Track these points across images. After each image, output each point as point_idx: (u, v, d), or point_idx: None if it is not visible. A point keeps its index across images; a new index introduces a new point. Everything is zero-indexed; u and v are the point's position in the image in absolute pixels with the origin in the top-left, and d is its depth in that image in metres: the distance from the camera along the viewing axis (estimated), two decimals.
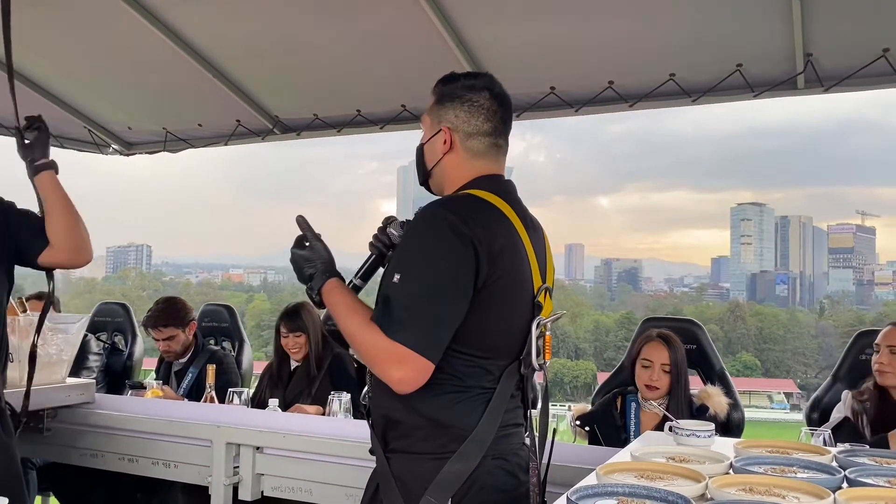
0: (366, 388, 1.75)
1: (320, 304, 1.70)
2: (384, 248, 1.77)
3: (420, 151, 1.76)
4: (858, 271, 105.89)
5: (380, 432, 1.65)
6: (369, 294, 1.77)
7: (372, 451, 1.73)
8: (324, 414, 3.12)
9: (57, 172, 2.21)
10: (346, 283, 1.71)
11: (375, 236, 1.78)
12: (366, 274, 1.78)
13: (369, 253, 1.79)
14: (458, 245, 1.52)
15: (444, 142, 1.70)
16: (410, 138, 3.84)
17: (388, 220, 1.79)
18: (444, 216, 1.56)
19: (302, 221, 1.75)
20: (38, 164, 2.19)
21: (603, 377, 1.70)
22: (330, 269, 1.70)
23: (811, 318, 64.58)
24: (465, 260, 1.53)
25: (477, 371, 1.59)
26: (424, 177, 1.77)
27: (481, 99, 1.71)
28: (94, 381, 3.22)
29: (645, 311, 63.92)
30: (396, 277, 1.54)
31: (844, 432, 2.36)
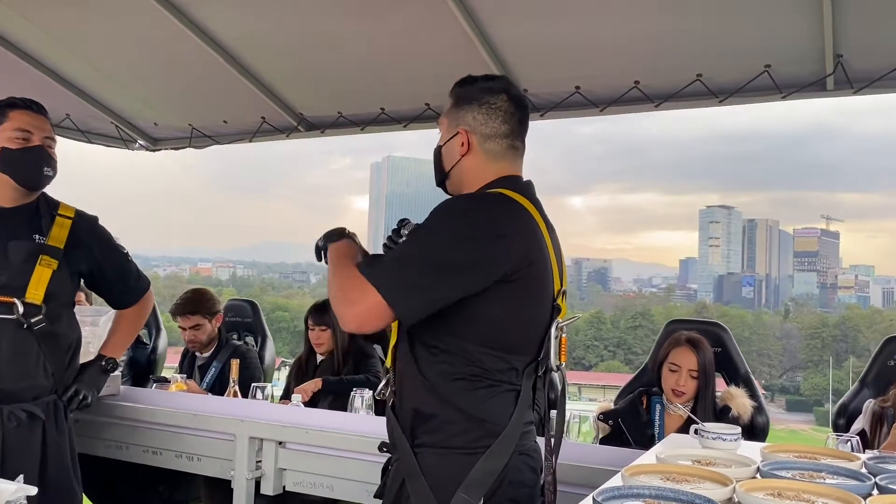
0: (382, 384, 1.75)
1: (319, 257, 1.74)
2: None
3: (437, 153, 1.77)
4: (822, 275, 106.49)
5: (407, 426, 1.63)
6: None
7: (382, 447, 1.74)
8: (322, 386, 3.26)
9: (116, 367, 2.54)
10: None
11: (389, 237, 1.79)
12: None
13: (381, 254, 1.80)
14: (462, 227, 1.57)
15: (462, 144, 1.70)
16: (385, 135, 3.87)
17: (403, 222, 1.79)
18: (465, 204, 1.61)
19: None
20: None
21: (571, 376, 1.72)
22: (351, 239, 1.74)
23: (776, 320, 65.05)
24: (471, 255, 1.55)
25: (505, 367, 1.60)
26: (442, 178, 1.77)
27: (499, 101, 1.72)
28: (120, 373, 3.25)
29: (614, 310, 64.56)
30: (402, 240, 1.62)
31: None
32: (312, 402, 3.27)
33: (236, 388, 3.06)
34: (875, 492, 1.40)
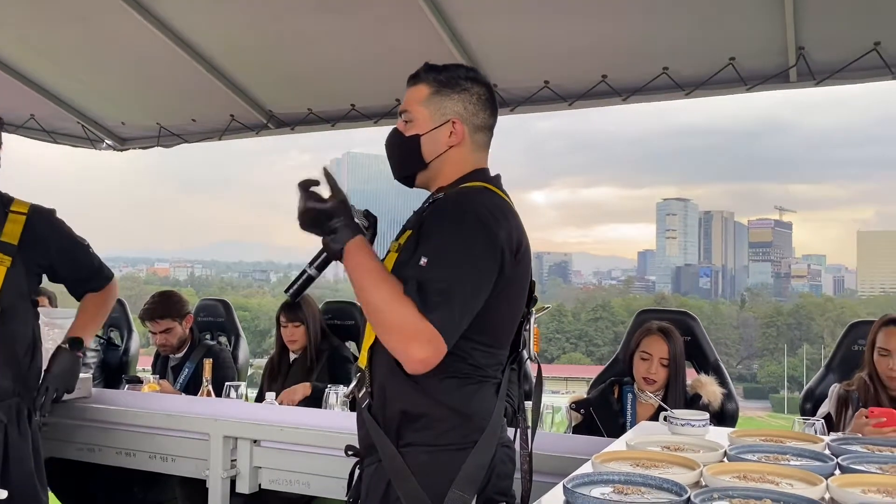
0: (354, 384, 1.67)
1: (339, 256, 1.54)
2: None
3: (414, 143, 1.65)
4: (776, 264, 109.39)
5: (392, 427, 1.58)
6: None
7: (349, 451, 1.70)
8: (312, 392, 3.17)
9: (82, 346, 2.46)
10: (300, 272, 1.61)
11: None
12: (322, 264, 1.62)
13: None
14: (485, 242, 1.52)
15: (451, 134, 1.64)
16: (344, 132, 3.87)
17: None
18: (472, 210, 1.54)
19: (329, 174, 1.58)
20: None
21: (535, 368, 1.71)
22: (357, 228, 1.55)
23: (733, 310, 66.00)
24: (491, 258, 1.52)
25: (492, 361, 1.60)
26: (416, 170, 1.67)
27: (484, 91, 1.69)
28: (91, 376, 3.22)
29: (575, 303, 65.28)
30: (423, 261, 1.49)
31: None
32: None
33: (210, 387, 3.03)
34: (837, 471, 1.44)
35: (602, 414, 2.75)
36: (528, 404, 1.77)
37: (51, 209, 2.44)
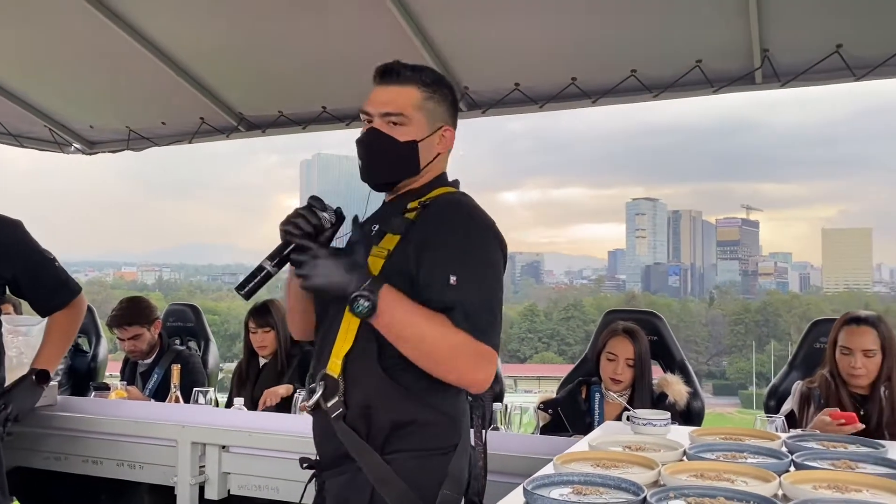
0: (320, 393, 1.55)
1: (369, 314, 1.44)
2: (314, 232, 1.51)
3: (411, 149, 1.58)
4: (744, 262, 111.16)
5: (381, 437, 1.53)
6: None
7: (303, 463, 1.68)
8: (294, 393, 3.11)
9: (48, 379, 2.47)
10: (257, 267, 1.50)
11: (304, 218, 1.50)
12: (282, 261, 1.49)
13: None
14: (498, 250, 1.58)
15: (439, 141, 1.62)
16: (314, 133, 3.87)
17: (317, 203, 1.53)
18: (477, 216, 1.57)
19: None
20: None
21: (507, 369, 1.74)
22: (370, 273, 1.48)
23: (702, 308, 66.74)
24: (502, 262, 1.59)
25: None
26: (407, 177, 1.61)
27: (455, 99, 1.68)
28: (58, 383, 3.18)
29: (547, 303, 65.82)
30: (453, 280, 1.47)
31: (789, 425, 2.40)
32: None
33: (178, 393, 3.00)
34: (791, 468, 1.47)
35: (570, 414, 2.77)
36: (497, 406, 1.79)
37: (17, 220, 2.41)
